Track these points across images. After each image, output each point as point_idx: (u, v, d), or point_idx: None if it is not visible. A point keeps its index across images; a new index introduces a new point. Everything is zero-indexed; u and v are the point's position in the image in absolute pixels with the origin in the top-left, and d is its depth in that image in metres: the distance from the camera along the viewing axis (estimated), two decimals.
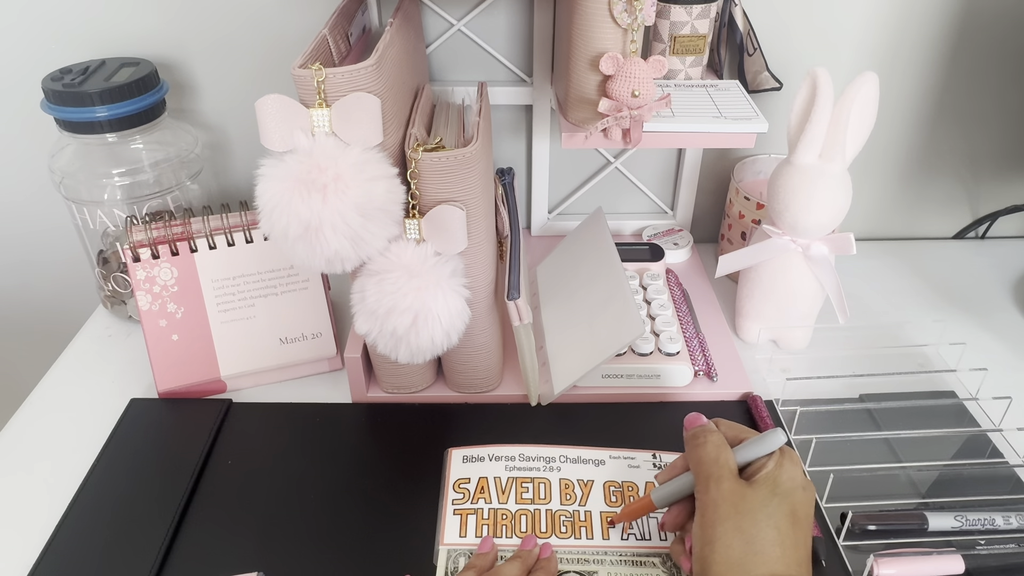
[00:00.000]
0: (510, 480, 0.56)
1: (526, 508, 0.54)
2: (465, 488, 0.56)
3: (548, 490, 0.55)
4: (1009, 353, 0.72)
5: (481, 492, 0.55)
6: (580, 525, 0.53)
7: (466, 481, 0.56)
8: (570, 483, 0.56)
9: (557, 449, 0.59)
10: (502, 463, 0.57)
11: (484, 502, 0.55)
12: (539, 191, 0.83)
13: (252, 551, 0.53)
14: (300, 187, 0.47)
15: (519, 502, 0.55)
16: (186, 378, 0.65)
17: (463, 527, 0.53)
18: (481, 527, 0.53)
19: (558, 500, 0.55)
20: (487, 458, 0.58)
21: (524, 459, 0.58)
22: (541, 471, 0.57)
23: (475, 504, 0.55)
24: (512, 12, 0.74)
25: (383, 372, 0.64)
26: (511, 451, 0.58)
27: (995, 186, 0.87)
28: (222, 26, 0.75)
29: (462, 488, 0.56)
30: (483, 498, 0.55)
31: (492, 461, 0.58)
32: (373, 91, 0.48)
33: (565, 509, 0.54)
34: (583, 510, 0.54)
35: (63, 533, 0.54)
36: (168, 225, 0.64)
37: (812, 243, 0.65)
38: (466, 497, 0.55)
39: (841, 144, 0.61)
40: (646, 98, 0.55)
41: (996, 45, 0.77)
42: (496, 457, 0.58)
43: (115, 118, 0.67)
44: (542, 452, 0.58)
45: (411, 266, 0.52)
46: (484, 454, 0.58)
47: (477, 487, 0.56)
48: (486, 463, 0.57)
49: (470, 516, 0.54)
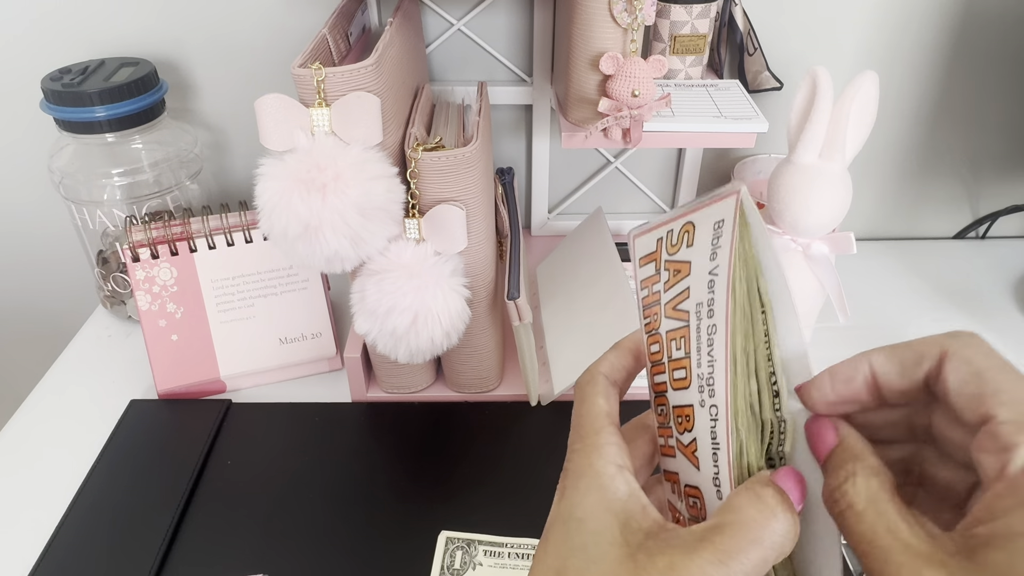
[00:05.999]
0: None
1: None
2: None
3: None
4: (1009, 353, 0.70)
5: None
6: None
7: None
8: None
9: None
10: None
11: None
12: (539, 191, 0.83)
13: (252, 551, 0.53)
14: (300, 187, 0.47)
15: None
16: (186, 378, 0.65)
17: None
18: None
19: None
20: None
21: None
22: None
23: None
24: (512, 12, 0.73)
25: (383, 372, 0.64)
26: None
27: (995, 186, 0.87)
28: (222, 26, 0.75)
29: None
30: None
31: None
32: (373, 90, 0.48)
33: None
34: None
35: (63, 533, 0.54)
36: (167, 225, 0.63)
37: (812, 242, 0.65)
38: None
39: (841, 143, 0.61)
40: (646, 98, 0.55)
41: (996, 45, 0.77)
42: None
43: (114, 118, 0.67)
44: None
45: (411, 266, 0.52)
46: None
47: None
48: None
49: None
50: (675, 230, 0.30)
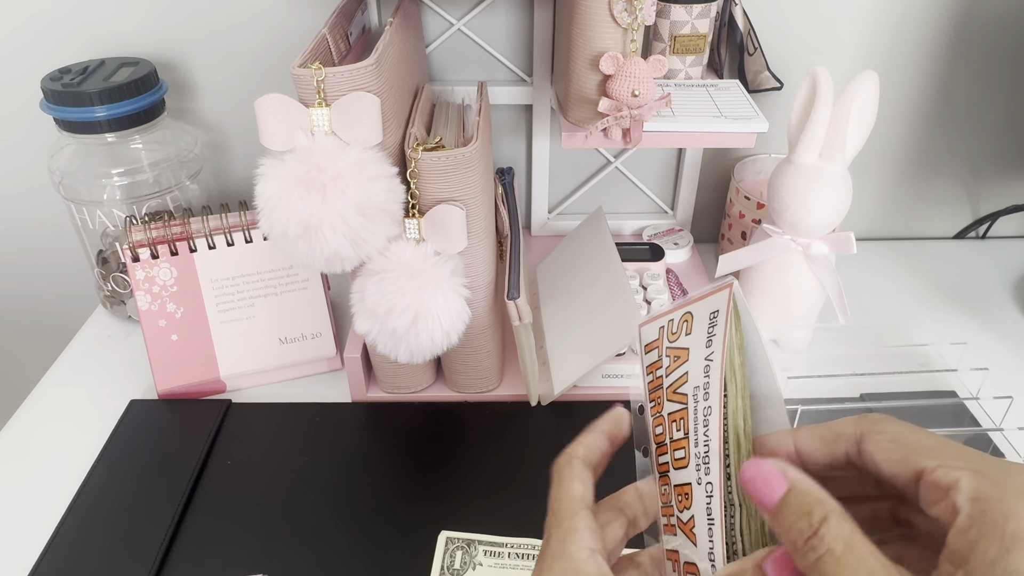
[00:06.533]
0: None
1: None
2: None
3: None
4: (1010, 353, 0.72)
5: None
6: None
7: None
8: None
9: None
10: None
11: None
12: (539, 191, 0.83)
13: (252, 551, 0.53)
14: (299, 187, 0.47)
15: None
16: (185, 378, 0.65)
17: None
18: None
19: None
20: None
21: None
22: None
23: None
24: (512, 12, 0.73)
25: (383, 372, 0.64)
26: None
27: (995, 186, 0.87)
28: (222, 26, 0.75)
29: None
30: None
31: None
32: (373, 90, 0.48)
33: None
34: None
35: (63, 534, 0.54)
36: (167, 225, 0.63)
37: (812, 242, 0.65)
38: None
39: (841, 143, 0.61)
40: (646, 98, 0.55)
41: (996, 45, 0.77)
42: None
43: (114, 118, 0.67)
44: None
45: (411, 266, 0.52)
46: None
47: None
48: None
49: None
50: (675, 319, 0.32)
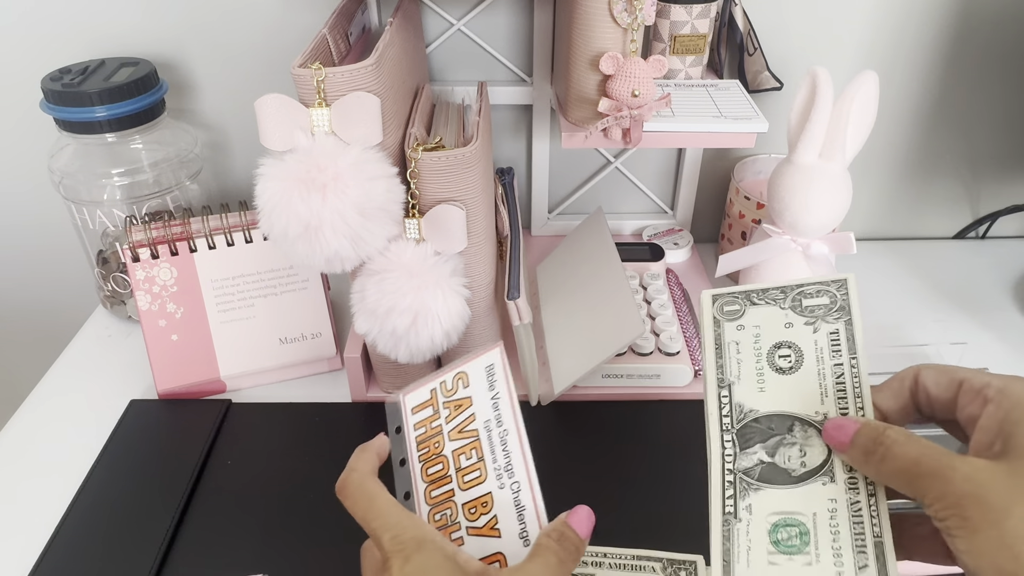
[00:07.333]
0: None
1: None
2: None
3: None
4: (1009, 353, 0.72)
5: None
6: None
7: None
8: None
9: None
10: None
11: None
12: (539, 191, 0.83)
13: (252, 551, 0.53)
14: (300, 187, 0.47)
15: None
16: (186, 378, 0.65)
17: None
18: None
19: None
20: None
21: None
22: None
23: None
24: (512, 12, 0.73)
25: (383, 372, 0.64)
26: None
27: (995, 186, 0.87)
28: (222, 26, 0.75)
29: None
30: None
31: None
32: (373, 91, 0.48)
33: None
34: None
35: (63, 534, 0.54)
36: (167, 225, 0.64)
37: (812, 242, 0.65)
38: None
39: (841, 143, 0.61)
40: (646, 98, 0.55)
41: (996, 45, 0.77)
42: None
43: (114, 118, 0.67)
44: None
45: (411, 266, 0.52)
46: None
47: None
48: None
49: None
50: (447, 380, 0.40)
